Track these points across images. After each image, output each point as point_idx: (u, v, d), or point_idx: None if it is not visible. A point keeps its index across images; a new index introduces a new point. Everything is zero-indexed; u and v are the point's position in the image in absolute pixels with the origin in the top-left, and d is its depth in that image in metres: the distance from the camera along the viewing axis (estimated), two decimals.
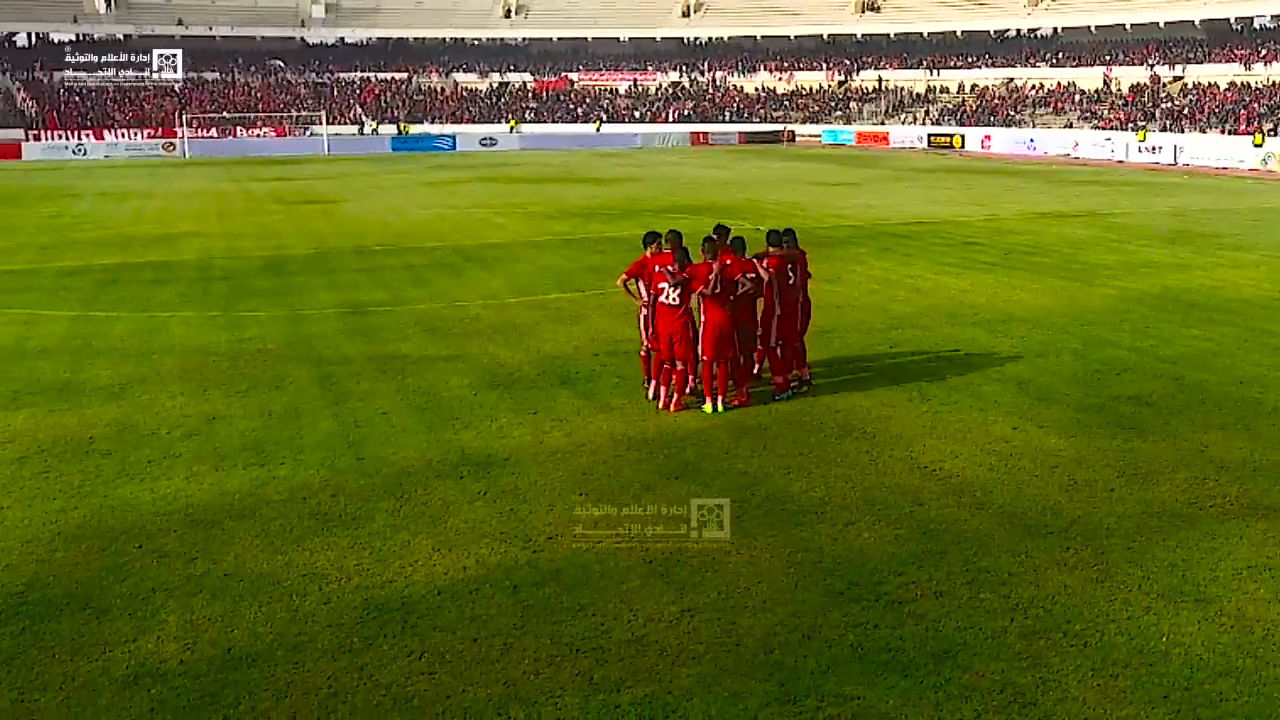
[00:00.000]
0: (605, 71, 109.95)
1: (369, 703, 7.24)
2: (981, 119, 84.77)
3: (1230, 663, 7.52)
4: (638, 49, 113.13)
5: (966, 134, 78.24)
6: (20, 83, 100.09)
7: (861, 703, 7.12)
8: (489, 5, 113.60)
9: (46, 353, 17.16)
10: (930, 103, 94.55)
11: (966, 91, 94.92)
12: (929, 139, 79.91)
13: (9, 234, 32.78)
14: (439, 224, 33.86)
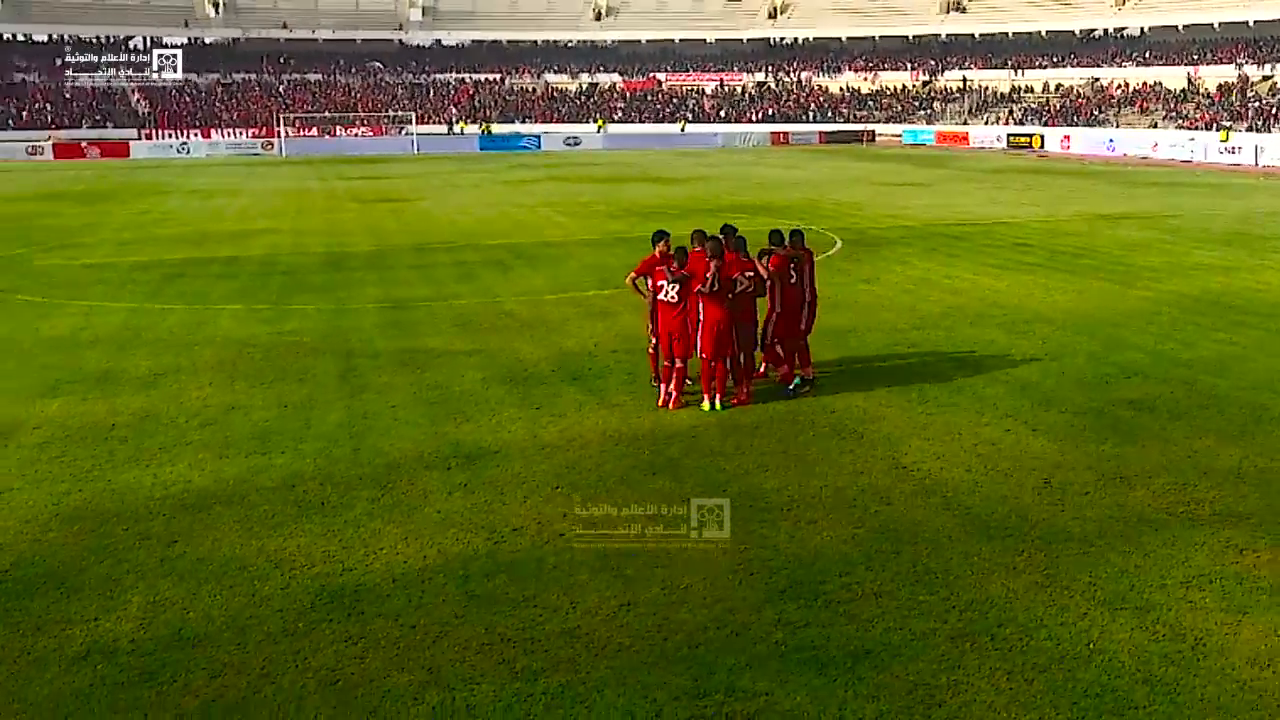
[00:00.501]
0: (692, 72, 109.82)
1: (295, 684, 7.37)
2: (1065, 119, 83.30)
3: (1152, 671, 7.36)
4: (724, 50, 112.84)
5: (1046, 134, 76.88)
6: (135, 84, 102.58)
7: (768, 699, 7.10)
8: (580, 8, 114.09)
9: (97, 343, 17.61)
10: (1014, 102, 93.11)
11: (1051, 91, 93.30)
12: (1008, 139, 78.66)
13: (96, 229, 33.65)
14: (501, 222, 34.12)
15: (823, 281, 21.75)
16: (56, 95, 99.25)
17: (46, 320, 19.56)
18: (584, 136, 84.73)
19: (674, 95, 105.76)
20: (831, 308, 19.38)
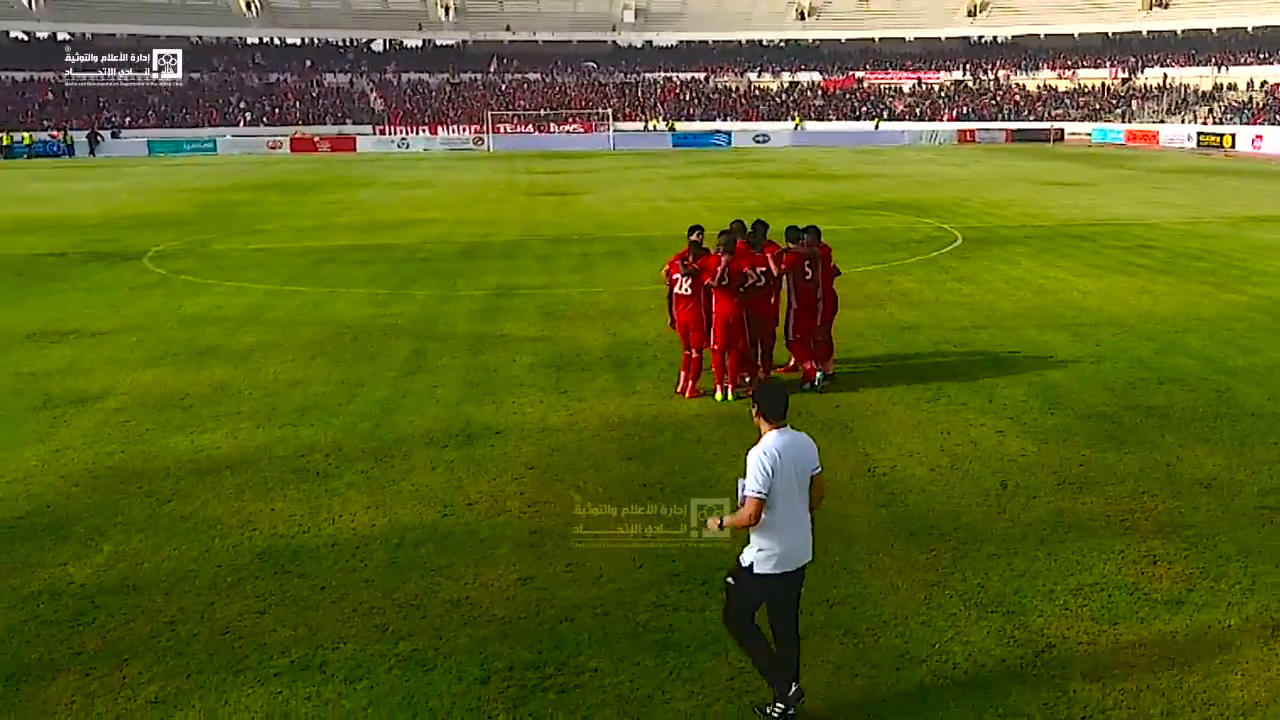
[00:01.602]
0: (891, 70, 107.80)
1: (190, 632, 7.85)
2: (1270, 117, 78.55)
3: (973, 674, 7.17)
4: (924, 48, 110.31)
5: (1238, 133, 72.64)
6: (374, 84, 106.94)
7: (594, 675, 7.21)
8: (783, 8, 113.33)
9: (221, 321, 18.67)
10: (1214, 101, 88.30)
11: (1255, 89, 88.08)
12: (1198, 138, 74.65)
13: (284, 217, 35.39)
14: (647, 215, 34.41)
15: (920, 278, 21.62)
16: (305, 94, 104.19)
17: (193, 299, 20.79)
18: (774, 134, 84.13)
19: (872, 93, 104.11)
20: (906, 304, 19.10)
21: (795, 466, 6.49)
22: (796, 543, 6.54)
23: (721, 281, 13.09)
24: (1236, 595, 8.15)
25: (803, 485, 6.55)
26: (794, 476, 6.47)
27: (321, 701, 6.91)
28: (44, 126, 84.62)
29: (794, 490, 6.48)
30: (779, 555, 6.47)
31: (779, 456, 6.40)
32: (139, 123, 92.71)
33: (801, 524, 6.56)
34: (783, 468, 6.40)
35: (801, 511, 6.55)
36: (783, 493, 6.41)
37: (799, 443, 6.59)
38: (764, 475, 6.35)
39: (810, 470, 6.61)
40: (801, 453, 6.57)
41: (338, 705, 6.87)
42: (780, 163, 60.81)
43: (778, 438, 6.50)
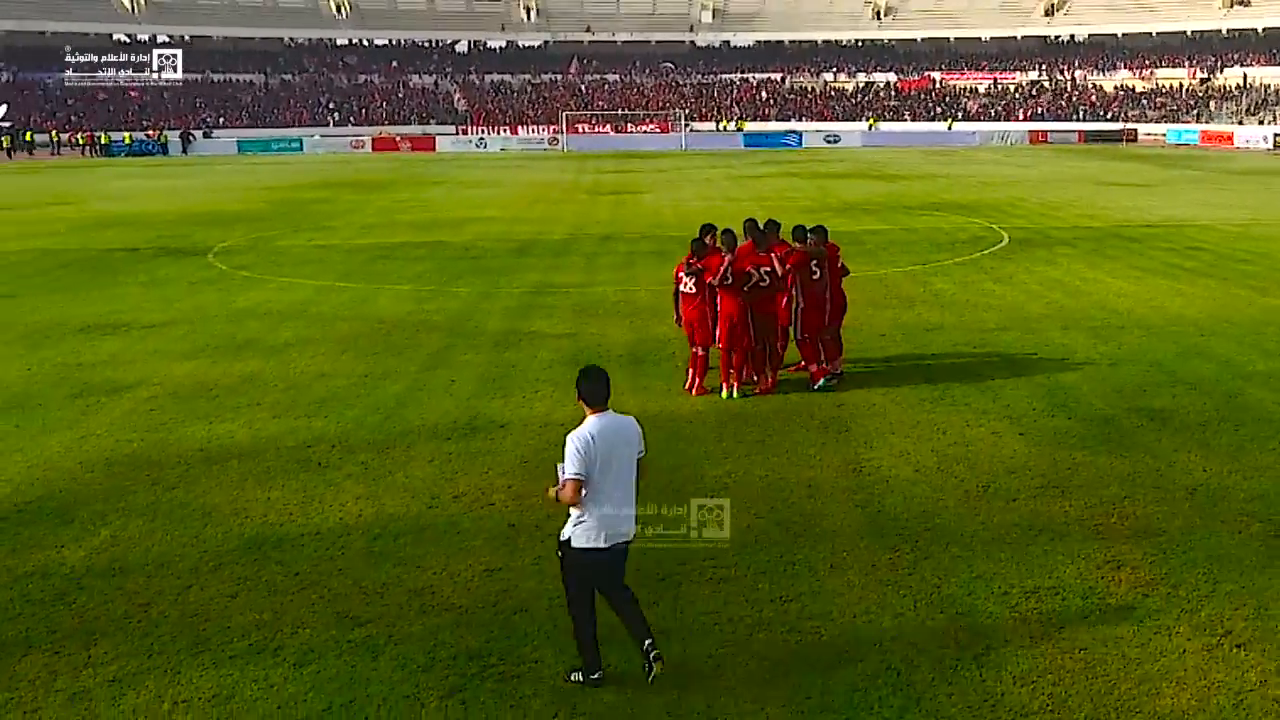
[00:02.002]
0: (967, 70, 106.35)
1: (162, 615, 8.05)
2: None
3: (905, 674, 7.09)
4: (1000, 48, 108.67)
5: None
6: (457, 85, 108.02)
7: (534, 667, 7.26)
8: (859, 8, 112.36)
9: (267, 315, 19.04)
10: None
11: None
12: (1274, 140, 72.61)
13: (350, 214, 35.92)
14: (700, 215, 34.06)
15: (957, 279, 21.36)
16: (391, 95, 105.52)
17: (246, 293, 21.21)
18: (845, 135, 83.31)
19: (946, 94, 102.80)
20: (936, 305, 18.90)
21: (615, 449, 6.80)
22: (616, 520, 6.83)
23: (724, 281, 13.08)
24: (1193, 602, 7.98)
25: (626, 466, 6.86)
26: (614, 458, 6.78)
27: (268, 685, 7.05)
28: (143, 126, 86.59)
29: (613, 471, 6.78)
30: (596, 530, 6.77)
31: (593, 440, 6.71)
32: (233, 122, 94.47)
33: (623, 502, 6.86)
34: (599, 450, 6.70)
35: (623, 490, 6.85)
36: (601, 473, 6.71)
37: (620, 426, 6.92)
38: (579, 458, 6.66)
39: (634, 453, 6.94)
40: (622, 436, 6.89)
41: (283, 689, 7.00)
42: (847, 163, 60.33)
43: (596, 422, 6.84)
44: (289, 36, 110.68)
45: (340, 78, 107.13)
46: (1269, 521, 9.43)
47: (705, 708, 6.74)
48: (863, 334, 16.76)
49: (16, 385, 14.55)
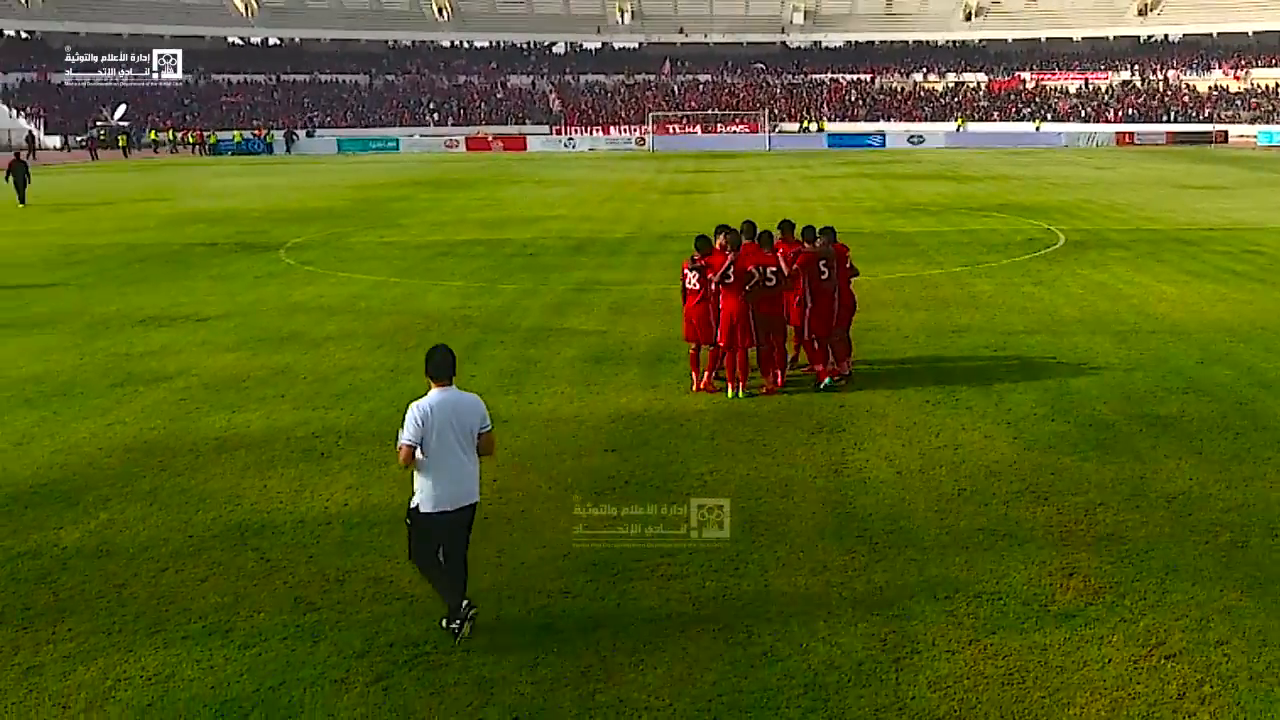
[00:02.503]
0: (1058, 71, 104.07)
1: (132, 595, 8.28)
2: None
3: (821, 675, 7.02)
4: (1092, 48, 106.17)
5: None
6: (553, 85, 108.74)
7: (463, 656, 7.31)
8: (951, 8, 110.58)
9: (319, 309, 19.42)
10: None
11: None
12: None
13: (425, 212, 36.45)
14: (764, 214, 33.80)
15: (1000, 281, 21.00)
16: (490, 95, 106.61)
17: (304, 288, 21.64)
18: (930, 135, 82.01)
19: (1037, 94, 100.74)
20: (970, 307, 18.63)
21: (453, 422, 7.33)
22: (457, 486, 7.38)
23: (725, 280, 13.03)
24: (1135, 612, 7.78)
25: (466, 438, 7.40)
26: (452, 430, 7.31)
27: (209, 665, 7.23)
28: (253, 126, 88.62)
29: (452, 441, 7.31)
30: (439, 496, 7.34)
31: (431, 412, 7.28)
32: (339, 122, 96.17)
33: (463, 470, 7.40)
34: (436, 421, 7.25)
35: (462, 460, 7.38)
36: (439, 443, 7.27)
37: (460, 402, 7.45)
38: (414, 427, 7.26)
39: (475, 427, 7.45)
40: (461, 410, 7.42)
41: (221, 670, 7.17)
42: (925, 164, 59.50)
43: (436, 395, 7.39)
44: (393, 39, 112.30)
45: (441, 79, 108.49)
46: (1238, 532, 9.15)
47: (617, 701, 6.75)
48: (888, 335, 16.61)
49: (66, 373, 15.04)
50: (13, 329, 18.10)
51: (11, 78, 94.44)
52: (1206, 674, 6.93)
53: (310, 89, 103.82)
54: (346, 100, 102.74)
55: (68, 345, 16.77)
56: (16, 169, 41.13)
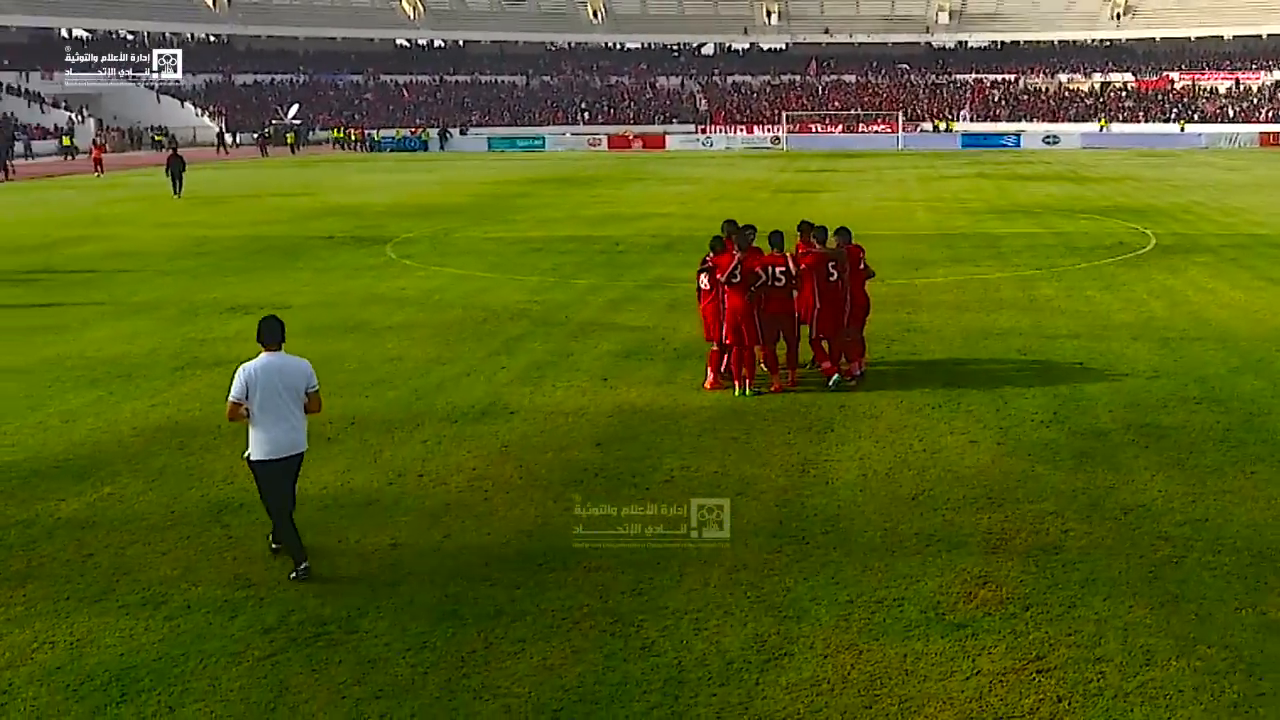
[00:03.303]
0: (1207, 70, 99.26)
1: (95, 565, 8.67)
2: None
3: (685, 673, 6.94)
4: (1244, 47, 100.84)
5: None
6: (700, 86, 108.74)
7: (363, 637, 7.49)
8: (1098, 7, 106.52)
9: (395, 300, 19.90)
10: None
11: None
12: None
13: (538, 209, 36.89)
14: (862, 215, 33.40)
15: (1067, 284, 20.28)
16: (639, 96, 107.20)
17: (392, 280, 22.20)
18: (1066, 136, 78.98)
19: (1185, 95, 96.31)
20: (1019, 310, 18.11)
21: (278, 382, 8.17)
22: (282, 437, 8.21)
23: (731, 279, 12.93)
24: (1030, 624, 7.49)
25: (293, 397, 8.28)
26: (277, 389, 8.16)
27: (128, 634, 7.54)
28: (415, 125, 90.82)
29: (278, 399, 8.17)
30: (266, 446, 8.20)
31: (256, 373, 8.16)
32: (496, 121, 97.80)
33: (288, 424, 8.24)
34: (260, 381, 8.12)
35: (289, 415, 8.23)
36: (265, 400, 8.12)
37: (285, 365, 8.33)
38: (240, 386, 8.13)
39: (302, 387, 8.34)
40: (286, 372, 8.29)
41: (137, 638, 7.48)
42: (1051, 165, 57.47)
43: (264, 359, 8.27)
44: (550, 40, 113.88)
45: (593, 79, 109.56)
46: (1180, 547, 8.71)
47: (480, 686, 6.82)
48: (925, 337, 16.24)
49: (140, 356, 15.77)
50: (113, 313, 19.06)
51: (200, 79, 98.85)
52: (1072, 690, 6.65)
53: (471, 89, 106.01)
54: (504, 100, 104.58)
55: (153, 330, 17.56)
56: (173, 163, 43.18)
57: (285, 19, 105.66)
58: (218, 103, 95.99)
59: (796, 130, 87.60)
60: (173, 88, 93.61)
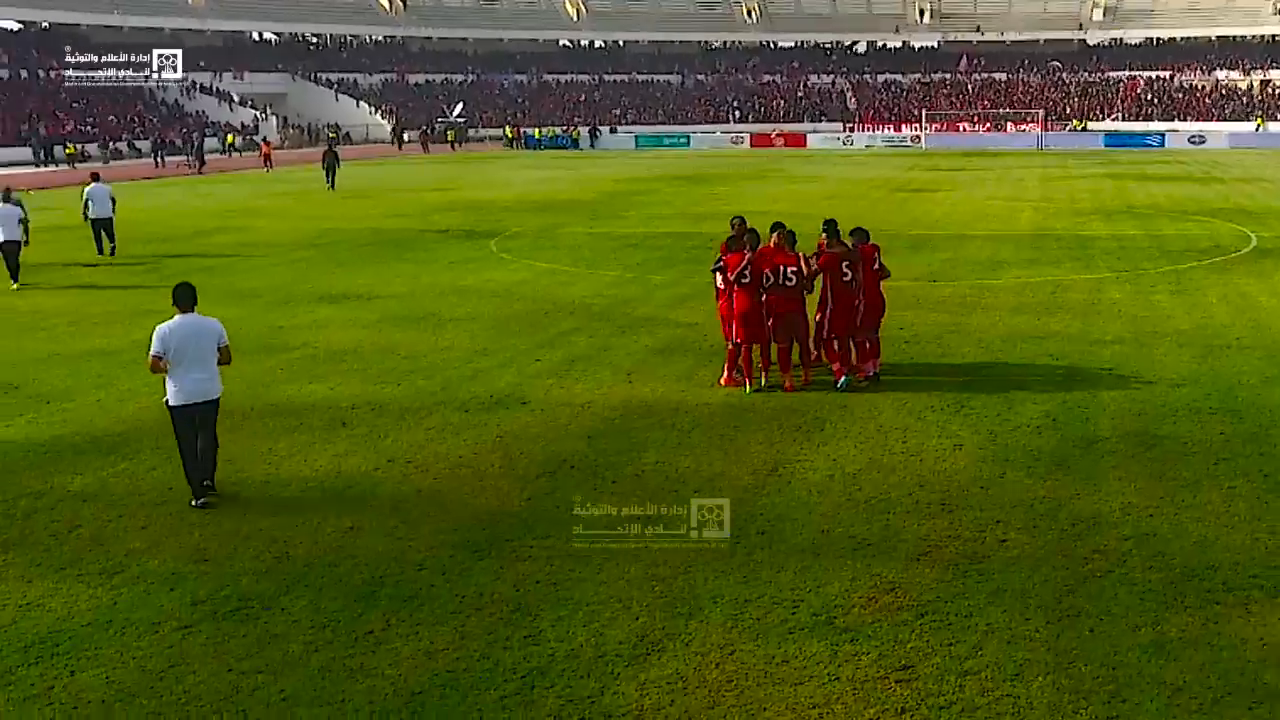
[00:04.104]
0: None
1: (77, 536, 9.08)
2: None
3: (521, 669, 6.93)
4: None
5: None
6: (851, 84, 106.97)
7: (272, 614, 7.66)
8: (1259, 2, 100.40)
9: (472, 293, 20.22)
10: None
11: None
12: None
13: (650, 206, 36.85)
14: (968, 214, 32.56)
15: (1140, 288, 19.39)
16: (791, 94, 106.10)
17: (480, 273, 22.59)
18: (1212, 135, 74.13)
19: None
20: (1081, 313, 17.44)
21: (192, 339, 9.42)
22: (196, 386, 9.45)
23: (741, 278, 12.78)
24: (914, 634, 7.20)
25: (206, 351, 9.50)
26: (191, 345, 9.40)
27: (72, 600, 7.86)
28: (573, 123, 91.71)
29: (191, 353, 9.41)
30: (181, 394, 9.46)
31: (170, 332, 9.38)
32: (651, 119, 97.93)
33: (201, 375, 9.49)
34: (176, 338, 9.35)
35: (202, 367, 9.47)
36: (179, 353, 9.36)
37: (198, 324, 9.54)
38: (158, 342, 9.34)
39: (214, 344, 9.57)
40: (200, 331, 9.51)
41: (79, 605, 7.81)
42: (1186, 165, 54.41)
43: (179, 319, 9.47)
44: (705, 40, 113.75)
45: (746, 78, 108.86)
46: (1113, 560, 8.25)
47: (360, 666, 6.92)
48: (963, 339, 15.77)
49: None
50: (216, 300, 19.31)
51: (376, 78, 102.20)
52: (921, 702, 6.40)
53: (627, 88, 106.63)
54: (659, 98, 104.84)
55: (242, 317, 18.11)
56: (328, 157, 44.85)
57: (457, 21, 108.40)
58: (389, 101, 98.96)
59: (944, 129, 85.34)
60: (351, 87, 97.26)
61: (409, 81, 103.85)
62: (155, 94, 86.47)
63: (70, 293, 21.15)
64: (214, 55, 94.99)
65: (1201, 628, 7.19)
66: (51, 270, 23.64)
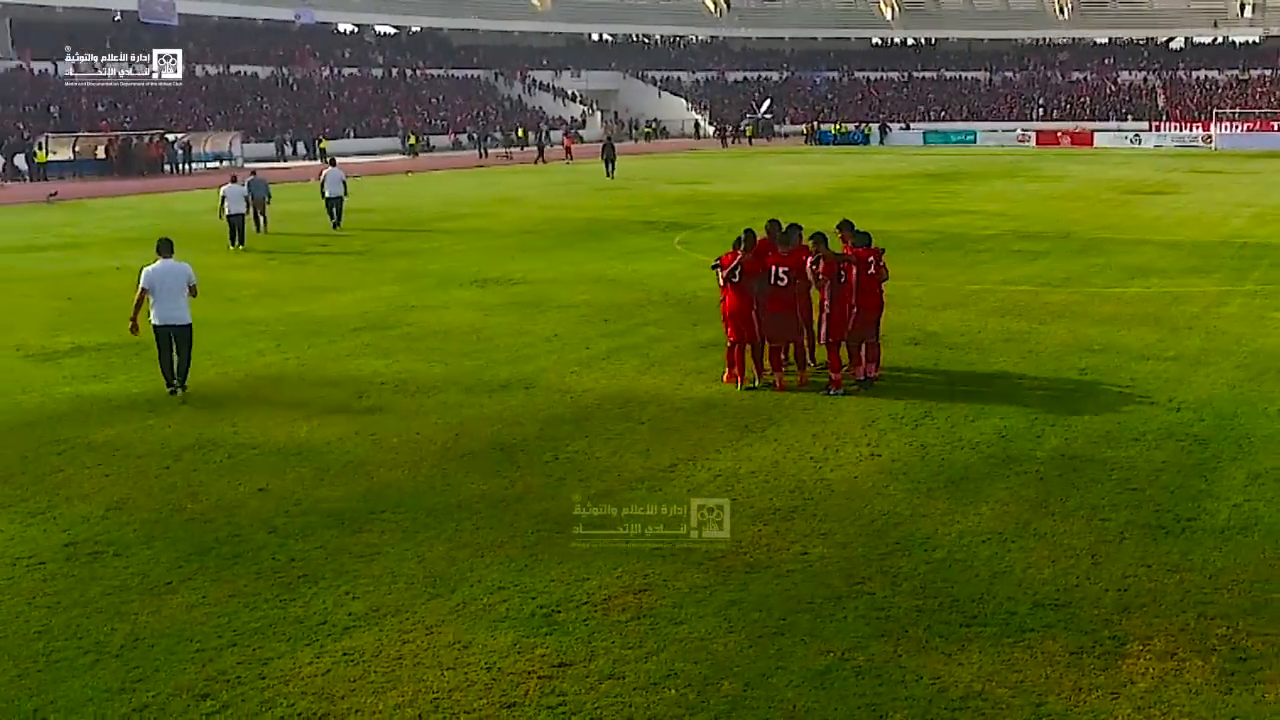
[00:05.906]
0: None
1: (67, 479, 9.80)
2: None
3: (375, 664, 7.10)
4: None
5: None
6: (1162, 81, 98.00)
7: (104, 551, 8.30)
8: None
9: (602, 281, 19.95)
10: None
11: None
12: None
13: (865, 203, 34.89)
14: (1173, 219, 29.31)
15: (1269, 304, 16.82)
16: (1099, 91, 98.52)
17: (634, 263, 22.23)
18: None
19: None
20: (1168, 327, 15.72)
21: (168, 278, 12.26)
22: (169, 313, 12.25)
23: (731, 277, 12.42)
24: (612, 634, 6.82)
25: (179, 288, 12.33)
26: (167, 282, 12.23)
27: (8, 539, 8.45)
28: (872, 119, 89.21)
29: (166, 288, 12.25)
30: (158, 318, 12.28)
31: (152, 273, 12.26)
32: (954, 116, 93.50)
33: (173, 305, 12.27)
34: (155, 278, 12.25)
35: (174, 299, 12.28)
36: (157, 289, 12.23)
37: (173, 267, 12.36)
38: (144, 279, 12.27)
39: (185, 282, 12.36)
40: (174, 272, 12.32)
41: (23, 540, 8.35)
42: None
43: (160, 263, 12.35)
44: (1016, 37, 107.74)
45: (1055, 75, 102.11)
46: (882, 585, 7.47)
47: (166, 618, 7.09)
48: (1013, 347, 14.51)
49: (350, 318, 16.88)
50: (390, 279, 20.73)
51: (699, 75, 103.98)
52: (526, 699, 6.17)
53: (936, 85, 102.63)
54: (966, 95, 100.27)
55: (393, 296, 19.05)
56: (607, 148, 46.99)
57: (774, 21, 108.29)
58: (705, 98, 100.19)
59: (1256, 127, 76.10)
60: (674, 84, 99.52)
61: (727, 79, 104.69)
62: (500, 90, 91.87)
63: (284, 265, 23.08)
64: (555, 55, 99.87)
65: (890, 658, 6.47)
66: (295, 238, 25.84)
